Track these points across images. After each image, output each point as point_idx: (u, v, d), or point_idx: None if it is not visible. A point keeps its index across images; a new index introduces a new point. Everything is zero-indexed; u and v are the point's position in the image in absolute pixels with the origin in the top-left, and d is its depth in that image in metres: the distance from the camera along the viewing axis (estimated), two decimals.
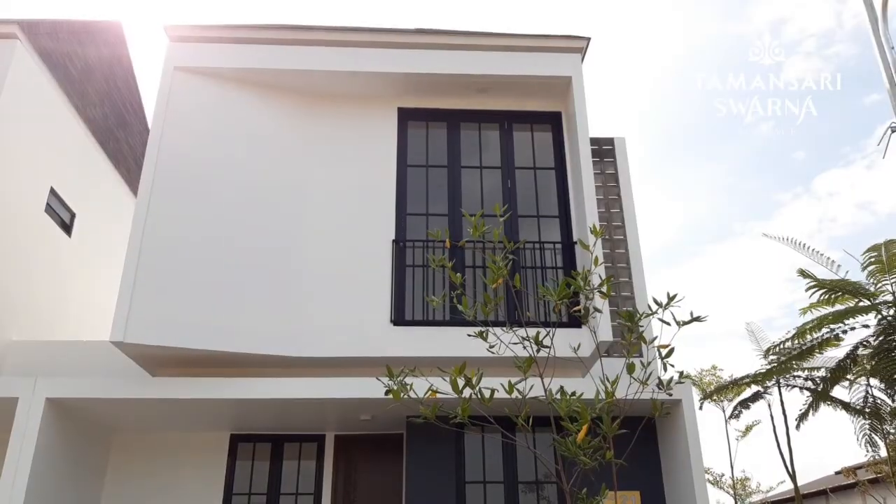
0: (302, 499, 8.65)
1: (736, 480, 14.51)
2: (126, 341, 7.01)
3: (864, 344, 8.71)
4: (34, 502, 6.84)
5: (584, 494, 3.37)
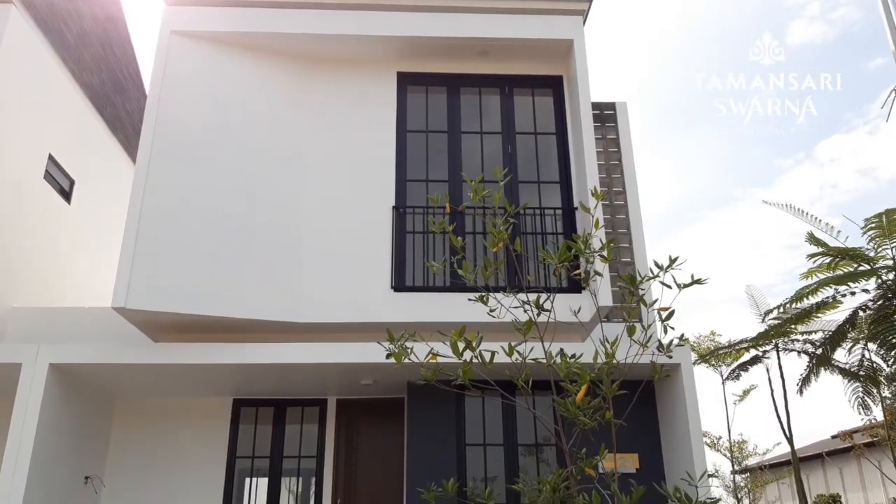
0: (304, 461, 8.78)
1: (733, 443, 14.68)
2: (128, 307, 7.03)
3: (864, 308, 8.74)
4: (39, 467, 6.92)
5: (584, 454, 3.41)
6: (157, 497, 8.40)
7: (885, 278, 8.51)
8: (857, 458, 19.88)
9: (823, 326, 10.43)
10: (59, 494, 7.38)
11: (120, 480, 8.43)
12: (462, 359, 3.63)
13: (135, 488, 8.41)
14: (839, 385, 41.02)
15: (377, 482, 8.68)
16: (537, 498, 3.41)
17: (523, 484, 3.60)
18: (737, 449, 15.07)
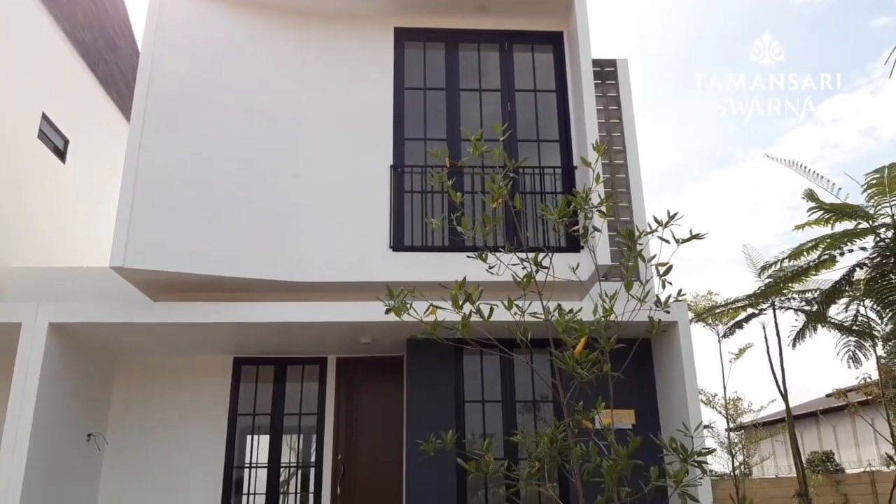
0: (305, 419, 8.88)
1: (728, 401, 14.85)
2: (126, 266, 7.03)
3: (861, 266, 8.74)
4: (41, 425, 6.99)
5: (581, 407, 3.44)
6: (160, 454, 8.51)
7: (884, 236, 8.49)
8: (851, 416, 20.14)
9: (820, 285, 10.46)
10: (63, 452, 7.48)
11: (122, 438, 8.53)
12: (461, 312, 3.63)
13: (137, 446, 8.52)
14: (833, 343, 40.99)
15: (377, 439, 8.79)
16: (535, 450, 3.45)
17: (521, 436, 3.64)
18: (732, 406, 15.25)
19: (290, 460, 8.90)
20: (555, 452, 3.34)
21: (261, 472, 8.69)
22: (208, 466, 8.50)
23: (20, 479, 6.65)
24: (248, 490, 8.65)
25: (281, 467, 8.71)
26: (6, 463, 6.71)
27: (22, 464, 6.70)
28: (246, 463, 8.75)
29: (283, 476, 8.78)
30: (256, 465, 8.72)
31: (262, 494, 8.62)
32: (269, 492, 8.59)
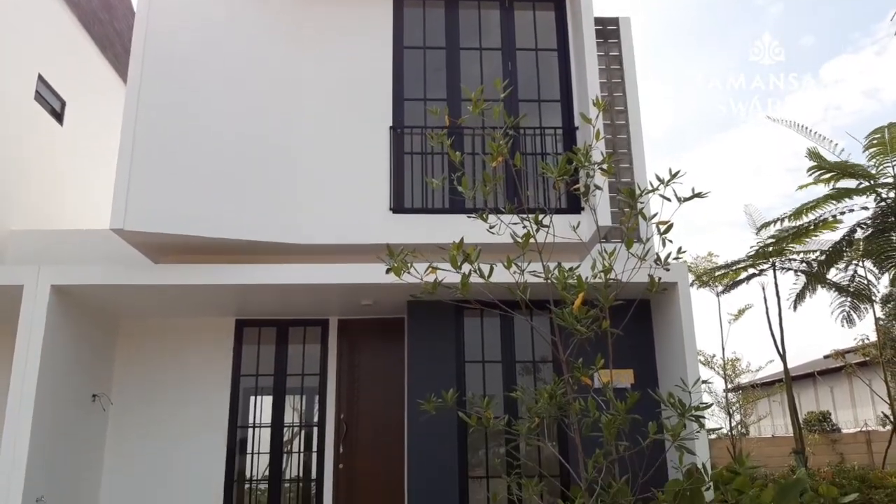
0: (308, 380, 8.97)
1: (726, 361, 14.99)
2: (126, 228, 7.02)
3: (862, 226, 8.73)
4: (46, 386, 7.06)
5: (580, 364, 3.47)
6: (165, 414, 8.61)
7: (885, 196, 8.46)
8: (849, 377, 20.34)
9: (821, 245, 10.47)
10: (68, 412, 7.57)
11: (127, 398, 8.62)
12: (461, 272, 3.64)
13: (142, 406, 8.62)
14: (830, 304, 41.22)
15: (379, 399, 8.89)
16: (534, 406, 3.49)
17: (521, 392, 3.68)
18: (730, 367, 15.41)
19: (293, 420, 9.01)
20: (554, 408, 3.37)
21: (264, 432, 8.80)
22: (212, 426, 8.61)
23: (27, 439, 6.74)
24: (252, 449, 8.77)
25: (284, 427, 8.82)
26: (13, 424, 6.79)
27: (28, 424, 6.78)
28: (250, 423, 8.86)
29: (286, 436, 8.90)
30: (260, 424, 8.83)
31: (266, 454, 8.75)
32: (273, 451, 8.72)
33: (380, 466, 8.58)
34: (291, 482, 8.78)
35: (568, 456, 7.10)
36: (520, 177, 6.82)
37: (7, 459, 6.69)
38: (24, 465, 6.67)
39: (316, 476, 8.62)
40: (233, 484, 8.49)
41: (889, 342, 14.76)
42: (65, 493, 7.44)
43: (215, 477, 8.45)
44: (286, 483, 8.75)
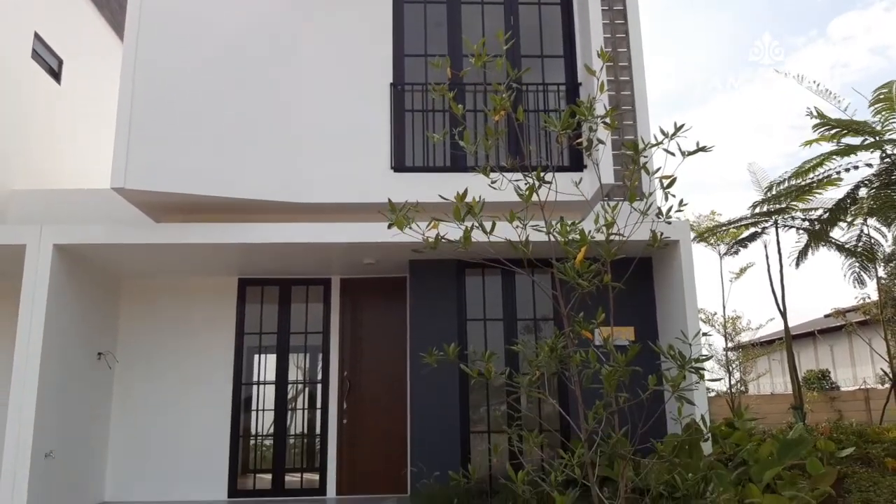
0: (311, 338, 9.04)
1: (727, 319, 15.04)
2: (127, 187, 6.99)
3: (865, 183, 8.67)
4: (51, 344, 7.12)
5: (581, 318, 3.48)
6: (170, 372, 8.72)
7: (891, 152, 8.37)
8: (849, 335, 20.44)
9: (823, 203, 10.41)
10: (74, 370, 7.65)
11: (132, 357, 8.72)
12: (463, 226, 3.63)
13: (147, 364, 8.71)
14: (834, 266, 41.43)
15: (382, 357, 8.98)
16: (535, 359, 3.52)
17: (522, 346, 3.70)
18: (730, 325, 15.47)
19: (297, 378, 9.11)
20: (555, 361, 3.40)
21: (269, 389, 8.92)
22: (217, 384, 8.71)
23: (34, 395, 6.83)
24: (256, 406, 8.89)
25: (288, 384, 8.93)
26: (19, 383, 6.87)
27: (35, 381, 6.87)
28: (254, 380, 8.97)
29: (290, 393, 9.01)
30: (264, 382, 8.94)
31: (271, 410, 8.87)
32: (278, 408, 8.84)
33: (383, 422, 8.70)
34: (296, 438, 8.93)
35: (568, 409, 7.19)
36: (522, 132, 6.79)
37: (15, 416, 6.79)
38: (31, 421, 6.77)
39: (320, 432, 8.75)
40: (238, 439, 8.64)
41: (890, 301, 14.79)
42: (73, 448, 7.57)
43: (221, 432, 8.59)
44: (291, 439, 8.89)
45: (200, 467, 8.45)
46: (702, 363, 3.11)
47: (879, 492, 6.84)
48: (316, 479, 8.62)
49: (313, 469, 8.72)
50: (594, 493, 3.30)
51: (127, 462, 8.43)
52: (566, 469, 3.33)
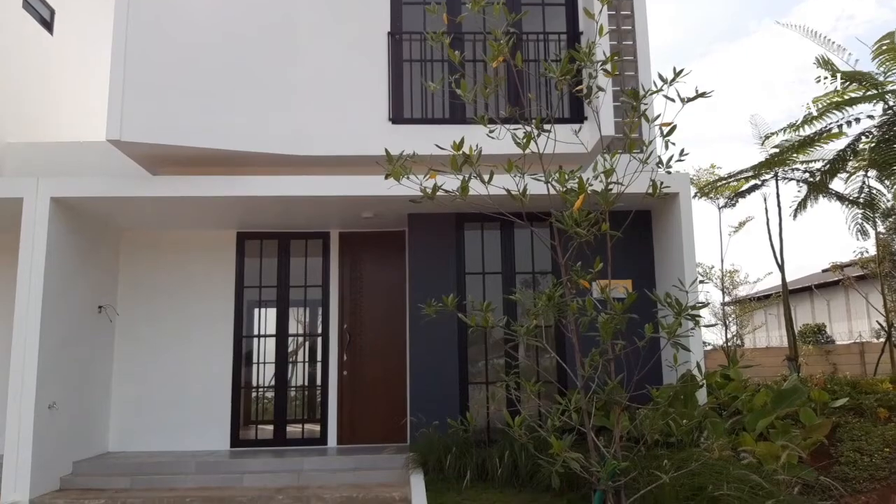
0: (311, 292, 9.08)
1: (725, 273, 15.10)
2: (123, 139, 6.94)
3: (867, 134, 8.58)
4: (51, 297, 7.14)
5: (579, 268, 3.48)
6: (171, 325, 8.77)
7: (893, 103, 8.27)
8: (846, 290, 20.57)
9: (824, 155, 10.33)
10: (75, 322, 7.68)
11: (132, 310, 8.75)
12: (461, 176, 3.61)
13: (148, 317, 8.76)
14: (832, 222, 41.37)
15: (381, 310, 9.03)
16: (533, 308, 3.54)
17: (520, 295, 3.72)
18: (728, 279, 15.54)
19: (297, 331, 9.17)
20: (552, 310, 3.42)
21: (269, 343, 8.98)
22: (218, 337, 8.77)
23: (36, 347, 6.88)
24: (257, 359, 8.97)
25: (289, 337, 8.99)
26: (21, 336, 6.91)
27: (36, 335, 6.91)
28: (255, 333, 9.03)
29: (291, 346, 9.08)
30: (265, 335, 9.00)
31: (272, 363, 8.95)
32: (278, 360, 8.92)
33: (382, 374, 8.80)
34: (297, 389, 9.03)
35: (565, 359, 7.26)
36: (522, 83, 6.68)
37: (18, 367, 6.86)
38: (34, 373, 6.83)
39: (321, 383, 8.85)
40: (240, 391, 8.74)
41: (888, 255, 14.84)
42: (76, 400, 7.66)
43: (223, 384, 8.68)
44: (292, 391, 9.00)
45: (203, 418, 8.57)
46: (698, 310, 3.13)
47: (871, 441, 6.96)
48: (317, 429, 8.75)
49: (314, 420, 8.84)
50: (590, 438, 3.36)
51: (130, 413, 8.54)
52: (563, 416, 3.37)
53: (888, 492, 6.63)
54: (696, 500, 4.79)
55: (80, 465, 7.55)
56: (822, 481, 5.96)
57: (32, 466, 6.72)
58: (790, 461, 5.79)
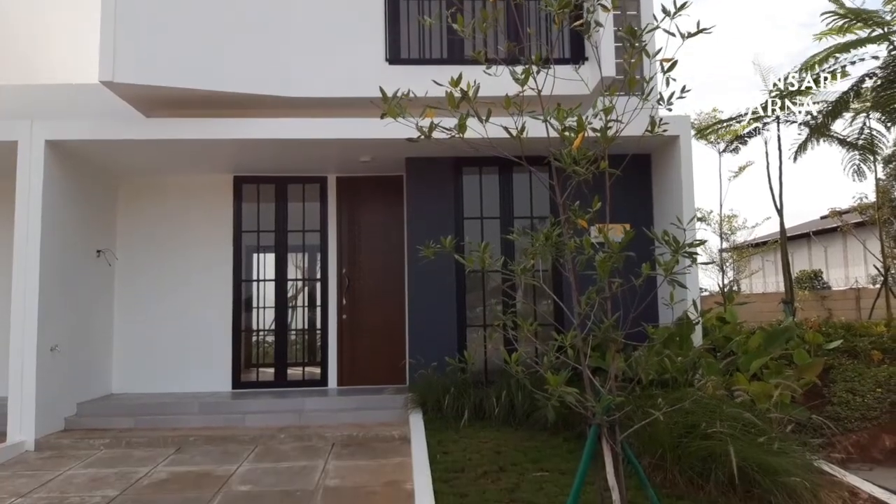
0: (309, 237, 9.08)
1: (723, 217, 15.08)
2: (116, 81, 6.85)
3: (870, 76, 8.45)
4: (50, 242, 7.13)
5: (577, 206, 3.47)
6: (170, 270, 8.79)
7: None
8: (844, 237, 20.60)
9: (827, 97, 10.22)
10: (74, 266, 7.70)
11: (131, 254, 8.77)
12: (459, 113, 3.56)
13: (147, 261, 8.78)
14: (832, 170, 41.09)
15: (380, 255, 9.05)
16: (531, 247, 3.54)
17: (518, 234, 3.71)
18: (726, 223, 15.53)
19: (296, 276, 9.20)
20: (550, 248, 3.41)
21: (268, 288, 9.02)
22: (217, 281, 8.80)
23: (35, 291, 6.91)
24: (257, 304, 9.03)
25: (288, 281, 9.03)
26: (21, 280, 6.93)
27: (35, 279, 6.93)
28: (254, 277, 9.07)
29: (290, 291, 9.12)
30: (264, 279, 9.04)
31: (272, 308, 9.01)
32: (278, 305, 8.98)
33: (381, 317, 8.87)
34: (297, 333, 9.12)
35: (562, 295, 7.32)
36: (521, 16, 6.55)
37: (19, 311, 6.90)
38: (35, 316, 6.88)
39: (321, 327, 8.94)
40: (240, 334, 8.82)
41: (887, 202, 14.82)
42: (78, 343, 7.73)
43: (223, 328, 8.76)
44: (292, 334, 9.08)
45: (204, 362, 8.67)
46: (695, 247, 3.13)
47: (864, 382, 7.07)
48: (317, 372, 8.87)
49: (314, 363, 8.96)
50: (585, 375, 3.40)
51: (132, 356, 8.63)
52: (559, 353, 3.41)
53: (879, 431, 6.77)
54: (690, 438, 4.90)
55: (83, 406, 7.67)
56: (815, 420, 6.07)
57: (37, 407, 6.83)
58: (783, 400, 5.89)
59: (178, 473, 5.86)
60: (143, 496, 5.24)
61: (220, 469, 5.96)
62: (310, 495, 5.15)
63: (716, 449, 4.69)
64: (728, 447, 4.55)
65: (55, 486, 5.55)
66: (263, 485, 5.47)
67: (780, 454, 4.72)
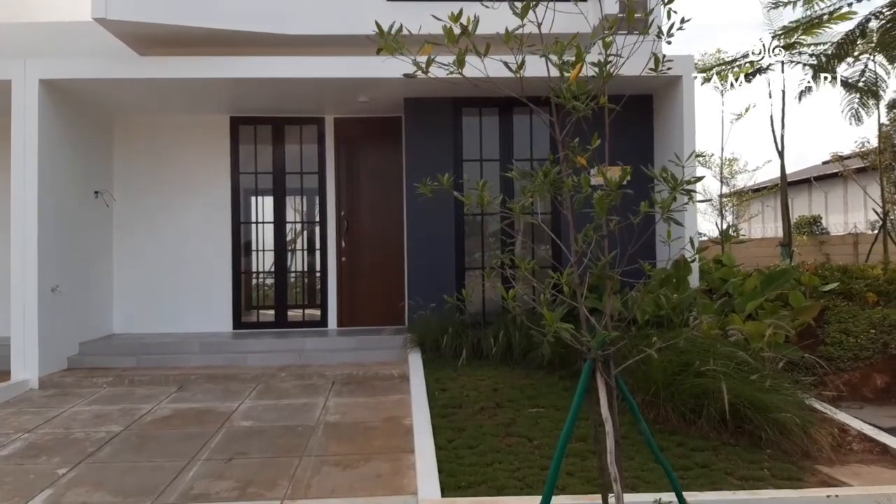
0: (307, 180, 9.04)
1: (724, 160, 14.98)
2: (109, 17, 6.72)
3: (877, 15, 8.25)
4: (46, 182, 7.11)
5: (577, 143, 3.44)
6: (168, 210, 8.78)
7: None
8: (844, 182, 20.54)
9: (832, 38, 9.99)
10: (72, 207, 7.69)
11: (129, 195, 8.74)
12: (457, 48, 3.50)
13: (145, 202, 8.76)
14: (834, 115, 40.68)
15: (378, 198, 9.02)
16: (530, 185, 3.52)
17: (516, 172, 3.69)
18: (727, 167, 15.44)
19: (295, 219, 9.19)
20: (548, 186, 3.40)
21: (268, 230, 9.02)
22: (216, 222, 8.81)
23: (34, 233, 6.92)
24: (256, 247, 9.05)
25: (287, 223, 9.02)
26: (19, 220, 6.94)
27: (34, 219, 6.94)
28: (253, 220, 9.06)
29: (289, 235, 9.13)
30: (263, 221, 9.03)
31: (271, 251, 9.03)
32: (277, 248, 9.00)
33: (380, 259, 8.91)
34: (297, 276, 9.17)
35: (560, 234, 7.34)
36: None
37: (18, 251, 6.93)
38: (35, 256, 6.91)
39: (320, 269, 8.98)
40: (240, 275, 8.87)
41: (889, 147, 14.71)
42: (79, 284, 7.78)
43: (223, 269, 8.80)
44: (292, 277, 9.13)
45: (204, 303, 8.74)
46: (693, 184, 3.12)
47: (858, 323, 7.14)
48: (317, 313, 8.95)
49: (314, 305, 9.03)
50: (581, 312, 3.43)
51: (133, 297, 8.70)
52: (555, 290, 3.43)
53: (870, 371, 6.87)
54: (683, 376, 4.99)
55: (86, 345, 7.78)
56: (807, 359, 6.15)
57: (39, 346, 6.93)
58: (776, 340, 5.97)
59: (180, 410, 5.98)
60: (146, 431, 5.35)
61: (223, 406, 6.08)
62: (311, 430, 5.27)
63: (708, 386, 4.78)
64: (720, 384, 4.64)
65: (60, 422, 5.67)
66: (265, 420, 5.59)
67: (772, 391, 4.81)
